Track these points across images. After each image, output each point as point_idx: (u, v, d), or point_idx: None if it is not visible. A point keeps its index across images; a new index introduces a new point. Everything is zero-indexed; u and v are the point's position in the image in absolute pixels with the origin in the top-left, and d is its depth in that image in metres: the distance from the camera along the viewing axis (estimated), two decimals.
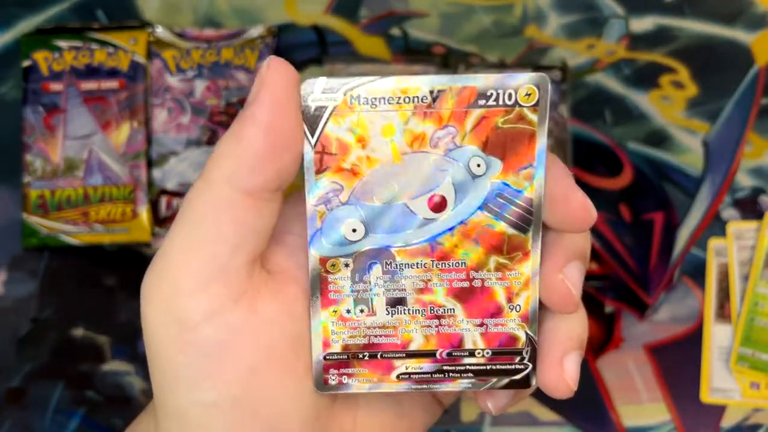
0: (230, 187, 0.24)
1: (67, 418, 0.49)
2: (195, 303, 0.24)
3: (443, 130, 0.24)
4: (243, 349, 0.24)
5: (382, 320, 0.26)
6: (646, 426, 0.49)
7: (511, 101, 0.24)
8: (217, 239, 0.24)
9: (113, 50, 0.50)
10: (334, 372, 0.26)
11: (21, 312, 0.49)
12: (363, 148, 0.24)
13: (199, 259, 0.24)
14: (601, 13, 0.52)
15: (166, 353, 0.25)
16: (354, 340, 0.26)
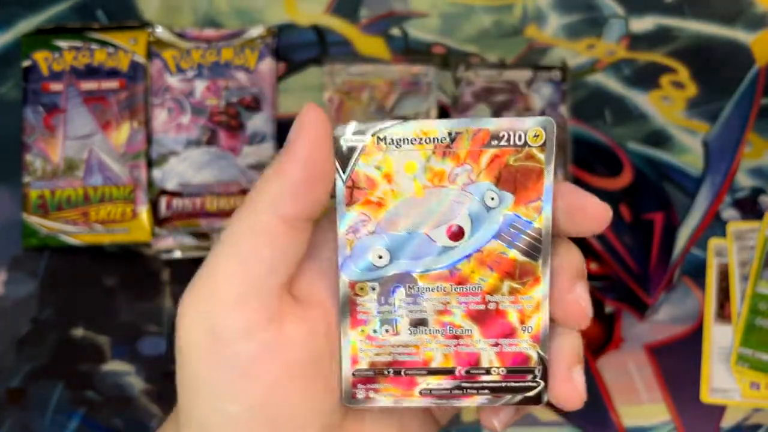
0: (272, 213, 0.26)
1: (67, 418, 0.49)
2: (233, 318, 0.26)
3: (460, 167, 0.27)
4: (269, 367, 0.26)
5: (406, 339, 0.28)
6: (646, 426, 0.49)
7: (521, 142, 0.27)
8: (257, 260, 0.26)
9: (113, 50, 0.50)
10: (362, 387, 0.28)
11: (21, 312, 0.49)
12: (388, 183, 0.27)
13: (239, 277, 0.26)
14: (601, 13, 0.52)
15: (197, 363, 0.27)
16: (380, 357, 0.28)
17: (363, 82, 0.51)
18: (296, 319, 0.27)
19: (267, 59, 0.50)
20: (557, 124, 0.50)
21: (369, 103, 0.51)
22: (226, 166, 0.49)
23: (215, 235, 0.49)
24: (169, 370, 0.49)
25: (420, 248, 0.28)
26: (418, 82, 0.51)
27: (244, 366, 0.26)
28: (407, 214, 0.27)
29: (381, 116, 0.50)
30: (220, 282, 0.27)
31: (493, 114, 0.50)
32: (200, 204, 0.49)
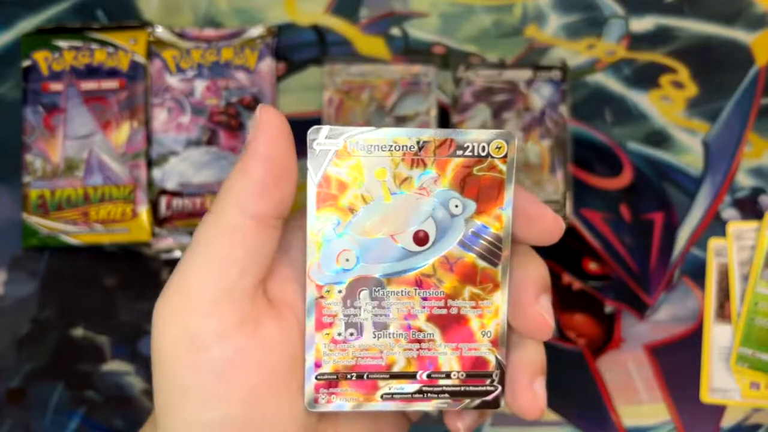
0: (239, 213, 0.26)
1: (67, 418, 0.49)
2: (207, 323, 0.26)
3: (427, 174, 0.28)
4: (247, 370, 0.26)
5: (369, 343, 0.29)
6: (646, 426, 0.49)
7: (484, 153, 0.28)
8: (228, 261, 0.26)
9: (113, 50, 0.50)
10: (324, 392, 0.29)
11: (21, 312, 0.49)
12: (358, 187, 0.28)
13: (211, 280, 0.26)
14: (601, 13, 0.52)
15: (175, 370, 0.26)
16: (343, 361, 0.29)
17: (363, 82, 0.51)
18: (271, 321, 0.27)
19: (267, 59, 0.50)
20: (558, 124, 0.50)
21: (369, 103, 0.51)
22: (226, 166, 0.49)
23: None
24: None
25: (386, 252, 0.28)
26: (418, 82, 0.51)
27: (222, 371, 0.26)
28: (375, 219, 0.28)
29: (381, 116, 0.50)
30: (193, 286, 0.26)
31: (492, 114, 0.50)
32: (200, 204, 0.49)
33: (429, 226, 0.28)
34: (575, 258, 0.50)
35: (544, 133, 0.50)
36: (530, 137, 0.50)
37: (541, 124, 0.50)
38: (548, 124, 0.50)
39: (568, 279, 0.50)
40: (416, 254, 0.28)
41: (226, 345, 0.26)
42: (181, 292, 0.27)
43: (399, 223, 0.28)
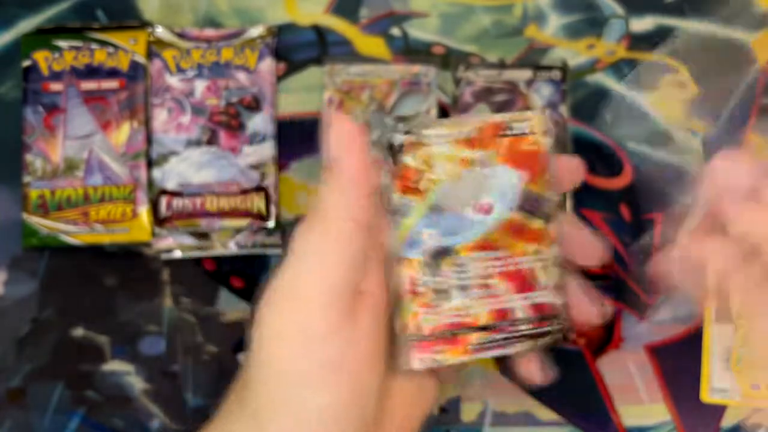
0: (343, 220, 0.31)
1: (67, 418, 0.49)
2: (321, 320, 0.30)
3: (486, 152, 0.33)
4: (353, 359, 0.31)
5: (456, 304, 0.33)
6: (646, 426, 0.49)
7: (528, 131, 0.34)
8: (337, 264, 0.31)
9: (113, 50, 0.50)
10: (425, 351, 0.33)
11: (21, 312, 0.49)
12: (429, 172, 0.33)
13: (324, 281, 0.30)
14: (601, 13, 0.52)
15: (289, 359, 0.30)
16: (437, 323, 0.33)
17: (363, 82, 0.51)
18: (363, 309, 0.31)
19: (267, 59, 0.50)
20: (558, 123, 0.50)
21: (369, 103, 0.51)
22: (226, 166, 0.49)
23: (214, 235, 0.49)
24: (169, 370, 0.49)
25: (459, 224, 0.33)
26: (418, 82, 0.51)
27: (335, 362, 0.30)
28: (445, 197, 0.33)
29: (381, 116, 0.50)
30: (305, 285, 0.31)
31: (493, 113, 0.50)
32: (200, 204, 0.49)
33: (491, 197, 0.33)
34: None
35: None
36: None
37: None
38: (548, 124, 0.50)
39: None
40: (482, 222, 0.33)
41: (337, 339, 0.30)
42: (294, 289, 0.31)
43: (467, 198, 0.33)
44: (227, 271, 0.50)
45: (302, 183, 0.51)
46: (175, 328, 0.49)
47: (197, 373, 0.49)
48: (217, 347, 0.49)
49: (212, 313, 0.49)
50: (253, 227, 0.49)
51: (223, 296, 0.50)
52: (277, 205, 0.50)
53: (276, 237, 0.50)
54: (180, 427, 0.49)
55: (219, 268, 0.50)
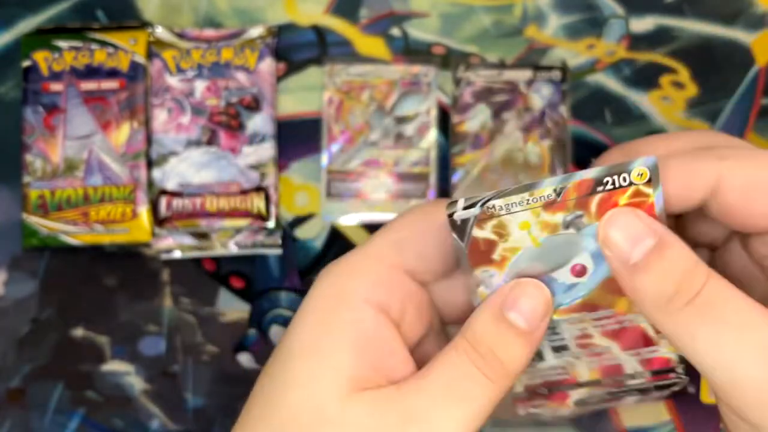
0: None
1: (67, 418, 0.49)
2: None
3: (571, 215, 0.29)
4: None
5: (552, 363, 0.32)
6: (646, 426, 0.49)
7: (626, 182, 0.28)
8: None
9: (113, 50, 0.50)
10: (522, 405, 0.33)
11: (21, 312, 0.49)
12: (506, 241, 0.29)
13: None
14: (601, 13, 0.52)
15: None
16: (532, 381, 0.32)
17: (363, 82, 0.51)
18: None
19: (267, 59, 0.50)
20: (558, 124, 0.50)
21: (369, 103, 0.51)
22: (226, 166, 0.50)
23: (214, 235, 0.49)
24: (169, 370, 0.49)
25: (549, 288, 0.30)
26: (418, 82, 0.51)
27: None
28: (529, 263, 0.29)
29: (381, 116, 0.50)
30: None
31: (492, 114, 0.50)
32: (200, 204, 0.49)
33: (584, 259, 0.29)
34: None
35: (544, 133, 0.50)
36: (530, 137, 0.50)
37: (541, 124, 0.50)
38: (548, 124, 0.50)
39: None
40: (578, 285, 0.30)
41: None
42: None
43: (553, 262, 0.29)
44: (227, 271, 0.50)
45: (302, 183, 0.51)
46: (175, 328, 0.49)
47: (197, 373, 0.49)
48: (217, 347, 0.49)
49: (212, 313, 0.49)
50: (253, 227, 0.49)
51: (223, 296, 0.50)
52: (277, 205, 0.50)
53: (276, 237, 0.50)
54: (180, 427, 0.49)
55: (219, 268, 0.50)
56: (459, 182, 0.50)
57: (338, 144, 0.50)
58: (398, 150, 0.50)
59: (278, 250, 0.50)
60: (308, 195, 0.50)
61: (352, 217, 0.50)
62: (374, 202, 0.50)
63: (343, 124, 0.50)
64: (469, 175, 0.50)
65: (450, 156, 0.50)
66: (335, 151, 0.50)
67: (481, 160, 0.50)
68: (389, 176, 0.50)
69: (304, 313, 0.30)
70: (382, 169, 0.50)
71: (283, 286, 0.50)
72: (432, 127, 0.50)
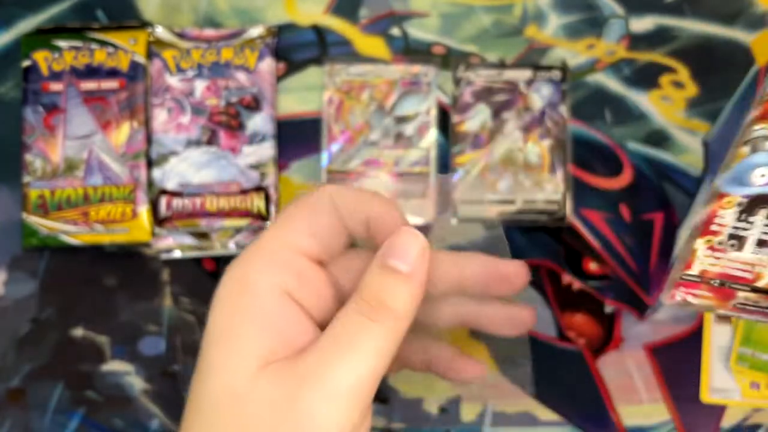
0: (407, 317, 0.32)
1: (67, 418, 0.49)
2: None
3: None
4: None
5: (745, 257, 0.30)
6: (646, 426, 0.49)
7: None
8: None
9: (113, 50, 0.50)
10: (684, 289, 0.30)
11: (21, 312, 0.49)
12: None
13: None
14: (601, 13, 0.52)
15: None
16: (713, 267, 0.30)
17: (363, 82, 0.51)
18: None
19: (267, 59, 0.50)
20: (558, 124, 0.50)
21: (369, 103, 0.51)
22: (226, 166, 0.49)
23: (214, 235, 0.49)
24: (169, 370, 0.49)
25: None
26: (418, 82, 0.51)
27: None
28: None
29: (381, 116, 0.50)
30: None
31: (492, 114, 0.50)
32: (200, 204, 0.49)
33: None
34: (575, 258, 0.50)
35: (544, 133, 0.50)
36: (530, 137, 0.50)
37: (541, 124, 0.50)
38: (548, 124, 0.50)
39: (568, 279, 0.50)
40: None
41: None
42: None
43: None
44: None
45: (302, 183, 0.51)
46: (175, 328, 0.49)
47: None
48: None
49: None
50: (253, 227, 0.49)
51: None
52: (277, 205, 0.50)
53: None
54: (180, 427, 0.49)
55: (219, 268, 0.50)
56: (459, 182, 0.50)
57: (338, 144, 0.50)
58: (398, 150, 0.50)
59: None
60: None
61: None
62: None
63: (343, 124, 0.50)
64: (469, 175, 0.50)
65: (450, 156, 0.50)
66: (335, 151, 0.50)
67: (481, 159, 0.50)
68: (389, 176, 0.50)
69: (214, 304, 0.32)
70: (382, 168, 0.50)
71: None
72: (432, 127, 0.50)
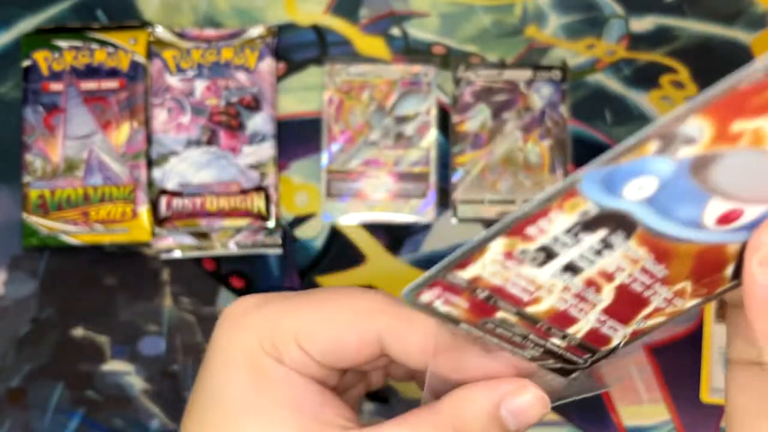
0: None
1: (67, 418, 0.49)
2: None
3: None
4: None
5: (539, 277, 0.23)
6: (646, 426, 0.49)
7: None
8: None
9: (113, 50, 0.50)
10: (438, 291, 0.24)
11: (21, 312, 0.49)
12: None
13: None
14: (601, 13, 0.52)
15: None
16: (491, 277, 0.23)
17: (363, 82, 0.51)
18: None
19: (267, 59, 0.50)
20: (558, 124, 0.50)
21: (369, 103, 0.51)
22: (226, 166, 0.49)
23: (214, 235, 0.49)
24: (169, 370, 0.49)
25: (687, 207, 0.22)
26: (418, 82, 0.51)
27: None
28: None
29: (381, 116, 0.50)
30: None
31: (492, 114, 0.50)
32: (200, 204, 0.49)
33: None
34: None
35: (544, 133, 0.50)
36: (530, 137, 0.50)
37: (541, 124, 0.50)
38: (548, 124, 0.50)
39: None
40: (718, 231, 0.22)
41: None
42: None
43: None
44: (227, 271, 0.50)
45: (302, 183, 0.51)
46: (175, 328, 0.49)
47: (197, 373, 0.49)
48: None
49: (212, 313, 0.49)
50: (253, 227, 0.49)
51: (223, 296, 0.50)
52: (277, 205, 0.50)
53: (276, 237, 0.50)
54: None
55: (219, 268, 0.50)
56: (459, 182, 0.50)
57: (338, 144, 0.50)
58: (398, 150, 0.50)
59: (278, 249, 0.50)
60: (308, 195, 0.50)
61: (352, 217, 0.50)
62: (374, 202, 0.50)
63: (343, 124, 0.50)
64: (469, 175, 0.50)
65: (450, 156, 0.50)
66: (335, 151, 0.50)
67: (481, 159, 0.50)
68: (389, 176, 0.50)
69: (229, 362, 0.30)
70: (382, 168, 0.50)
71: (283, 285, 0.50)
72: (432, 127, 0.50)
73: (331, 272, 0.50)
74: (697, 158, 0.20)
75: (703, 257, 0.23)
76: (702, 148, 0.20)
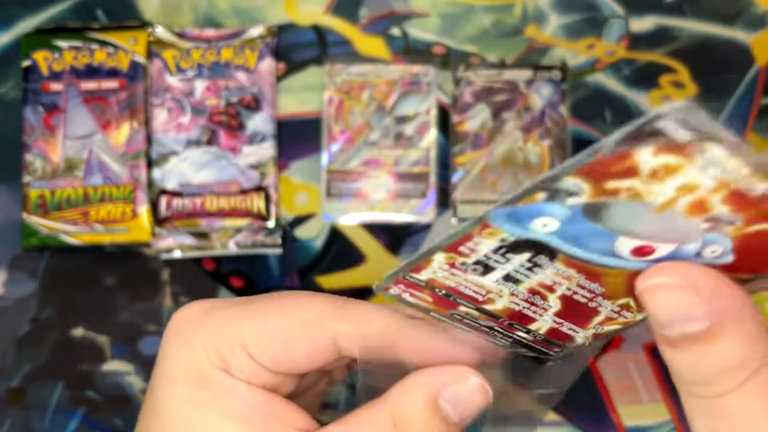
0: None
1: (67, 418, 0.49)
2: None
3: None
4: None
5: (485, 283, 0.25)
6: (646, 426, 0.49)
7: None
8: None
9: (113, 50, 0.50)
10: (403, 287, 0.27)
11: (21, 312, 0.49)
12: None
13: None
14: (601, 13, 0.52)
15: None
16: (444, 280, 0.26)
17: (363, 82, 0.51)
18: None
19: (267, 59, 0.50)
20: (558, 124, 0.50)
21: (369, 103, 0.51)
22: (226, 166, 0.49)
23: (214, 235, 0.49)
24: None
25: (598, 241, 0.23)
26: (418, 82, 0.51)
27: None
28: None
29: (381, 116, 0.50)
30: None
31: (492, 114, 0.50)
32: (200, 204, 0.49)
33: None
34: None
35: (544, 133, 0.50)
36: (530, 137, 0.50)
37: (541, 124, 0.50)
38: (548, 124, 0.50)
39: None
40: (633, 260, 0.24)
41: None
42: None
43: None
44: (227, 270, 0.50)
45: (302, 183, 0.51)
46: None
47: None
48: None
49: None
50: (253, 227, 0.49)
51: (223, 296, 0.50)
52: (277, 205, 0.50)
53: (276, 237, 0.50)
54: None
55: (219, 268, 0.50)
56: (459, 182, 0.50)
57: (338, 144, 0.50)
58: (398, 150, 0.50)
59: (278, 249, 0.50)
60: (308, 195, 0.50)
61: (352, 217, 0.50)
62: (374, 202, 0.50)
63: (343, 124, 0.50)
64: (469, 175, 0.50)
65: (450, 156, 0.50)
66: (335, 151, 0.50)
67: (481, 159, 0.50)
68: (389, 176, 0.50)
69: (173, 379, 0.29)
70: (382, 168, 0.50)
71: (283, 285, 0.50)
72: (432, 127, 0.50)
73: (331, 272, 0.50)
74: (587, 205, 0.21)
75: (636, 278, 0.24)
76: (587, 197, 0.21)
